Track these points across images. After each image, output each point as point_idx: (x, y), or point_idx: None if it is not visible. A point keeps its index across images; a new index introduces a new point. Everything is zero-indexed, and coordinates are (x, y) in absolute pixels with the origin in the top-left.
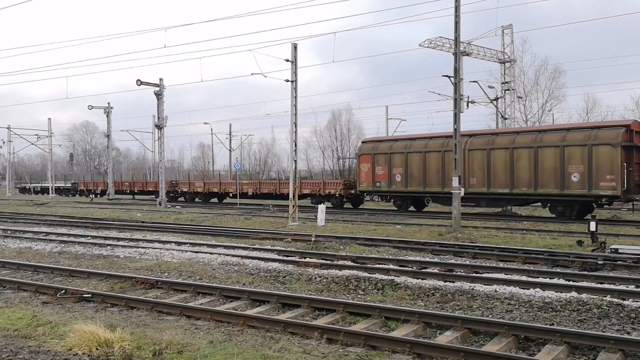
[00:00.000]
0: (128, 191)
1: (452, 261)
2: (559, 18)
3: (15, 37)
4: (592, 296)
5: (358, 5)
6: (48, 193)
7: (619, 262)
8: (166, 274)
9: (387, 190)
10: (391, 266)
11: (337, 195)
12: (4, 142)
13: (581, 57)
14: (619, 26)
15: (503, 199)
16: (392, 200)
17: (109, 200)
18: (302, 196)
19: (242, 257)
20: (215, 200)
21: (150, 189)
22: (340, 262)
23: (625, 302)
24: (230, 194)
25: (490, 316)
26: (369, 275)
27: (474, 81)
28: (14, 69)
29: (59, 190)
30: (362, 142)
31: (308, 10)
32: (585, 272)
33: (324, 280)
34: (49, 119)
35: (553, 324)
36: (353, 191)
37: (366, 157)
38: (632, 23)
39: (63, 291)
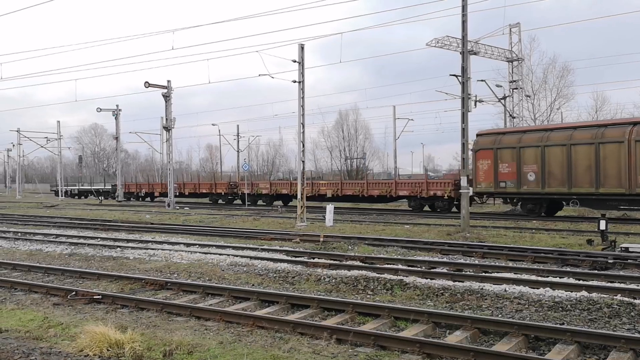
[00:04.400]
0: (177, 193)
1: (461, 261)
2: (556, 19)
3: (25, 41)
4: (603, 295)
5: (361, 7)
6: (84, 196)
7: (629, 260)
8: (175, 275)
9: (516, 192)
10: (400, 266)
11: (444, 197)
12: (13, 145)
13: (585, 56)
14: (620, 26)
15: None
16: (520, 203)
17: (118, 203)
18: (396, 198)
19: (250, 257)
20: (279, 202)
21: (204, 191)
22: (349, 263)
23: (636, 301)
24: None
25: (500, 316)
26: (377, 275)
27: (482, 80)
28: (24, 72)
29: (97, 193)
30: (478, 134)
31: (313, 12)
32: (596, 271)
33: (333, 280)
34: (58, 121)
35: (563, 324)
36: None
37: (485, 153)
38: (633, 22)
39: (74, 293)
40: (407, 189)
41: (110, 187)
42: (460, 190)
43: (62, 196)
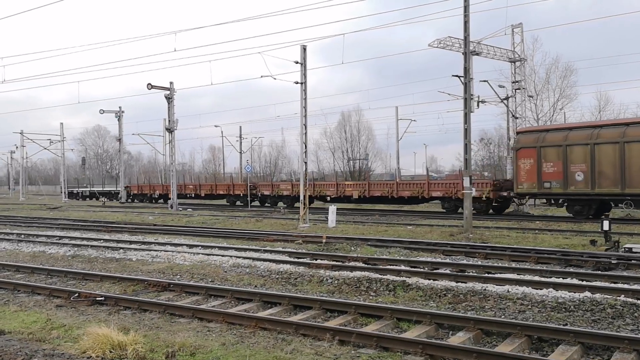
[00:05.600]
0: (193, 195)
1: (464, 262)
2: (557, 19)
3: (28, 43)
4: (606, 296)
5: (363, 8)
6: (96, 198)
7: (633, 261)
8: (178, 276)
9: (562, 193)
10: (402, 267)
11: (482, 198)
12: (17, 147)
13: (587, 56)
14: (621, 26)
15: None
16: (566, 204)
17: (121, 204)
18: (429, 199)
19: (253, 259)
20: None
21: (222, 192)
22: (352, 264)
23: None
24: (328, 198)
25: (502, 317)
26: (380, 276)
27: (484, 81)
28: (27, 74)
29: (109, 195)
30: (519, 132)
31: (315, 13)
32: (599, 272)
33: (336, 281)
34: (61, 123)
35: (566, 324)
36: (505, 193)
37: (528, 152)
38: (633, 22)
39: (76, 294)
40: (440, 189)
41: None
42: (464, 191)
43: (65, 198)
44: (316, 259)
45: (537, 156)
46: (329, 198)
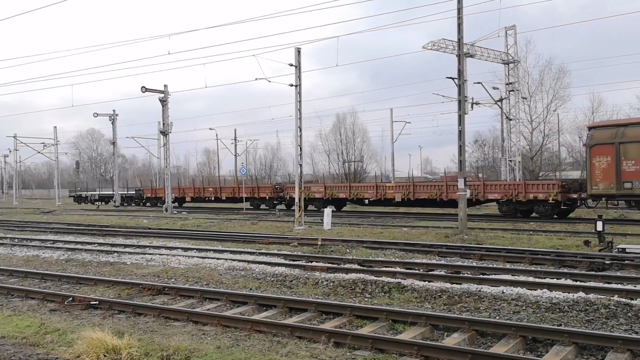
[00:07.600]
0: (213, 198)
1: (459, 263)
2: (548, 22)
3: (20, 47)
4: (600, 296)
5: (356, 11)
6: (104, 202)
7: (626, 261)
8: (173, 279)
9: None
10: (398, 269)
11: (549, 200)
12: (10, 151)
13: (579, 58)
14: (609, 28)
15: None
16: None
17: (115, 208)
18: (484, 201)
19: (248, 262)
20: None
21: (245, 195)
22: (347, 266)
23: (633, 302)
24: (367, 201)
25: (497, 318)
26: (375, 278)
27: (478, 82)
28: (19, 78)
29: (121, 199)
30: (591, 127)
31: (309, 15)
32: (593, 272)
33: (331, 284)
34: (55, 127)
35: (561, 325)
36: (575, 195)
37: (604, 148)
38: (622, 24)
39: (70, 299)
40: (498, 191)
41: (134, 192)
42: (458, 192)
43: (59, 202)
44: (311, 261)
45: (615, 153)
46: (367, 201)
